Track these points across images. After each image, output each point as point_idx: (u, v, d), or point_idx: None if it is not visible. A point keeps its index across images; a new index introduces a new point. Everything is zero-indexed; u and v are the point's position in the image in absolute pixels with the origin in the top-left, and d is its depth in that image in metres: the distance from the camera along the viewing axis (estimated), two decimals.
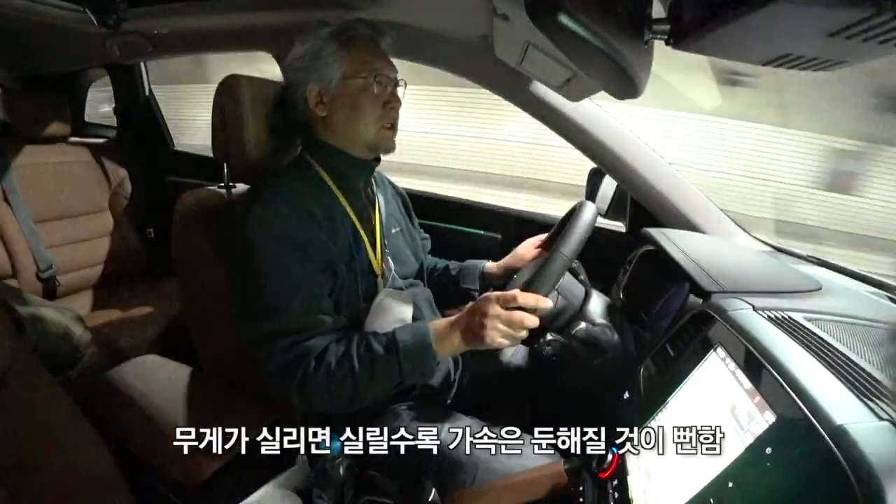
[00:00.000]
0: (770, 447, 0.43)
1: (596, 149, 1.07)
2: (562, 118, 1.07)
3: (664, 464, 0.56)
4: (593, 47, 0.43)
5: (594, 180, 1.20)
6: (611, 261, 1.12)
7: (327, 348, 0.71)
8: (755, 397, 0.48)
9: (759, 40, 0.40)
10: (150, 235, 1.78)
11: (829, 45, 0.36)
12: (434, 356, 0.73)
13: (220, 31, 1.31)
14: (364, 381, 0.71)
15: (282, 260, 0.73)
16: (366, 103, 0.81)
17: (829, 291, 0.77)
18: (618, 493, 0.60)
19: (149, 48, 1.42)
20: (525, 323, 0.70)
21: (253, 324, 0.73)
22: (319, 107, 0.82)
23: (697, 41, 0.43)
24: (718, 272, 0.78)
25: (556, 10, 0.41)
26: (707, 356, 0.59)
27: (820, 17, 0.33)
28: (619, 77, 0.48)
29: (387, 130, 0.84)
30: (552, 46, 0.51)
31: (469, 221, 1.46)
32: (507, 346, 0.72)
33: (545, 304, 0.72)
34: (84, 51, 1.54)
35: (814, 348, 0.54)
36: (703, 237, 1.04)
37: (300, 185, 0.80)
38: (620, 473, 0.61)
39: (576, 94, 0.93)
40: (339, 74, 0.80)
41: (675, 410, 0.59)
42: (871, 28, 0.32)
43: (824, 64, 0.41)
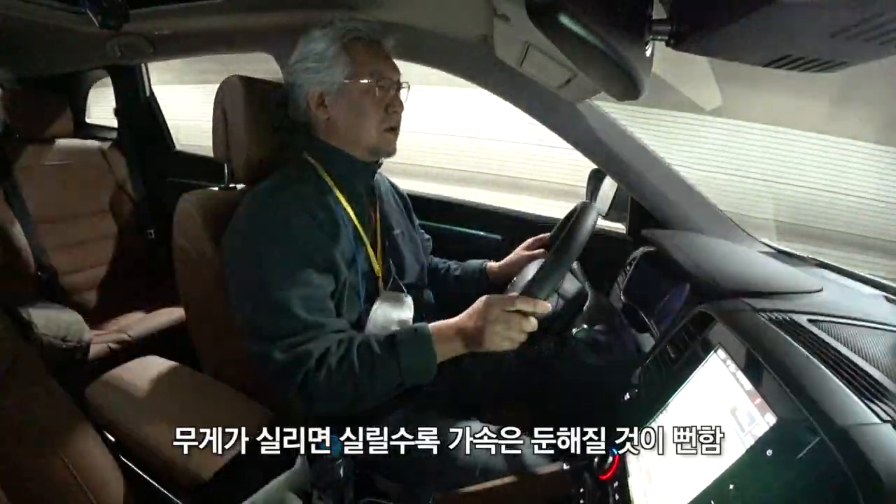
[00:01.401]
0: (771, 449, 0.43)
1: (596, 150, 1.07)
2: (562, 119, 1.06)
3: (665, 465, 0.55)
4: (593, 48, 0.43)
5: (594, 181, 1.20)
6: (611, 262, 1.12)
7: (328, 350, 0.71)
8: (756, 399, 0.48)
9: (760, 41, 0.40)
10: (151, 236, 1.78)
11: (829, 45, 0.36)
12: (434, 358, 0.73)
13: (221, 33, 1.32)
14: (365, 383, 0.71)
15: (283, 261, 0.73)
16: (368, 106, 0.81)
17: (829, 293, 0.77)
18: (618, 495, 0.59)
19: (150, 49, 1.42)
20: (524, 326, 0.70)
21: (253, 325, 0.73)
22: (321, 108, 0.82)
23: (698, 42, 0.43)
24: (719, 273, 0.78)
25: (557, 11, 0.41)
26: (708, 357, 0.59)
27: (821, 17, 0.33)
28: (619, 78, 0.48)
29: (388, 133, 0.84)
30: (552, 47, 0.51)
31: (470, 222, 1.46)
32: (507, 348, 0.72)
33: (544, 308, 0.72)
34: (85, 52, 1.54)
35: (815, 350, 0.53)
36: (704, 238, 1.03)
37: (301, 186, 0.80)
38: (621, 475, 0.61)
39: (576, 95, 0.93)
40: (341, 76, 0.80)
41: (675, 412, 0.59)
42: (871, 28, 0.32)
43: (825, 64, 0.41)
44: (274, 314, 0.71)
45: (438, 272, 1.11)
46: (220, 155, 0.90)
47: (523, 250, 1.04)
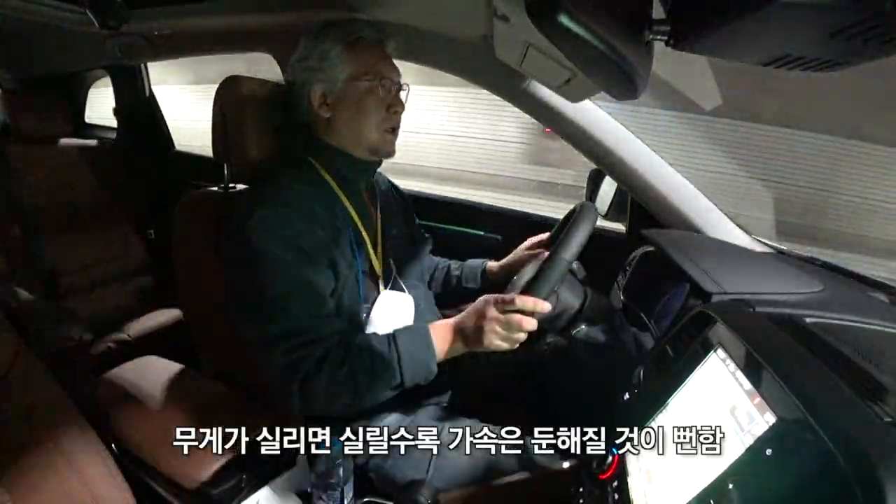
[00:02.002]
0: (770, 448, 0.43)
1: (596, 149, 1.07)
2: (562, 119, 1.06)
3: (664, 465, 0.55)
4: (593, 48, 0.43)
5: (594, 181, 1.20)
6: (611, 262, 1.11)
7: (328, 350, 0.71)
8: (755, 398, 0.48)
9: (760, 41, 0.40)
10: (151, 236, 1.78)
11: (829, 45, 0.36)
12: (434, 357, 0.73)
13: (220, 33, 1.32)
14: (365, 383, 0.71)
15: (283, 261, 0.73)
16: (370, 106, 0.81)
17: (829, 292, 0.77)
18: (618, 495, 0.59)
19: (149, 49, 1.42)
20: (524, 326, 0.70)
21: (253, 325, 0.73)
22: (323, 108, 0.82)
23: (698, 42, 0.43)
24: (718, 273, 0.78)
25: (556, 11, 0.40)
26: (707, 357, 0.59)
27: (821, 17, 0.33)
28: (619, 78, 0.48)
29: (388, 134, 0.85)
30: (552, 47, 0.51)
31: (470, 222, 1.46)
32: (506, 348, 0.72)
33: (544, 308, 0.72)
34: (84, 52, 1.55)
35: (814, 349, 0.53)
36: (704, 238, 1.04)
37: (301, 185, 0.80)
38: (620, 474, 0.61)
39: (576, 95, 0.93)
40: (344, 76, 0.80)
41: (675, 411, 0.59)
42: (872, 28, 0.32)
43: (825, 64, 0.41)
44: (274, 314, 0.71)
45: (438, 272, 1.11)
46: (219, 155, 0.89)
47: (523, 250, 1.04)
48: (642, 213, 1.12)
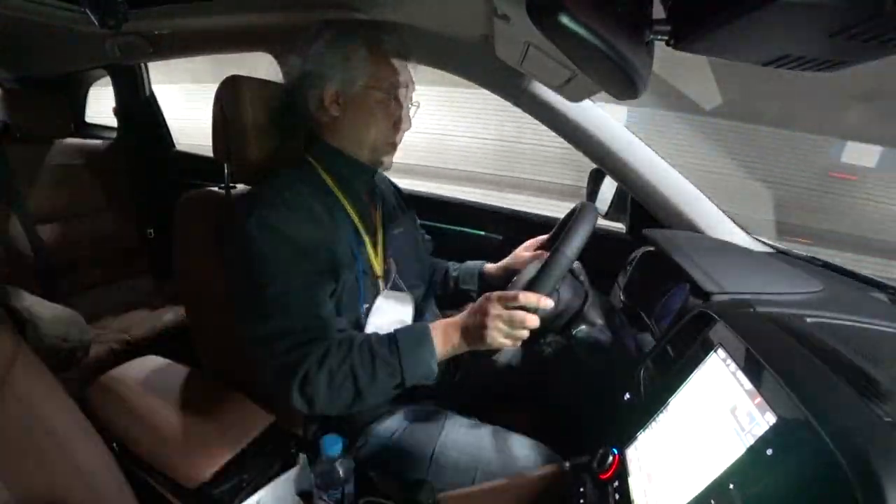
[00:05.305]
0: (771, 448, 0.43)
1: (596, 149, 1.07)
2: (562, 119, 1.06)
3: (665, 465, 0.56)
4: (594, 48, 0.43)
5: (594, 181, 1.20)
6: (611, 262, 1.11)
7: (328, 350, 0.71)
8: (756, 398, 0.48)
9: (760, 41, 0.40)
10: (151, 236, 1.78)
11: (829, 45, 0.36)
12: (435, 356, 0.73)
13: (220, 32, 1.31)
14: (365, 383, 0.71)
15: (283, 261, 0.73)
16: (379, 116, 0.82)
17: (829, 292, 0.77)
18: (618, 494, 0.59)
19: (149, 49, 1.42)
20: (526, 323, 0.70)
21: (254, 325, 0.73)
22: (333, 106, 0.81)
23: (698, 42, 0.43)
24: (719, 273, 0.78)
25: (557, 11, 0.40)
26: (707, 357, 0.59)
27: (821, 17, 0.33)
28: (619, 78, 0.48)
29: (389, 147, 0.85)
30: (552, 47, 0.51)
31: (470, 222, 1.46)
32: (508, 346, 0.72)
33: (547, 304, 0.71)
34: (84, 52, 1.54)
35: (815, 349, 0.53)
36: (704, 238, 1.04)
37: (302, 185, 0.80)
38: (621, 474, 0.61)
39: (576, 95, 0.93)
40: (363, 81, 0.80)
41: (675, 411, 0.59)
42: (872, 28, 0.32)
43: (825, 64, 0.41)
44: (274, 314, 0.71)
45: (438, 272, 1.11)
46: (219, 155, 0.89)
47: (522, 251, 1.04)
48: (642, 213, 1.12)
